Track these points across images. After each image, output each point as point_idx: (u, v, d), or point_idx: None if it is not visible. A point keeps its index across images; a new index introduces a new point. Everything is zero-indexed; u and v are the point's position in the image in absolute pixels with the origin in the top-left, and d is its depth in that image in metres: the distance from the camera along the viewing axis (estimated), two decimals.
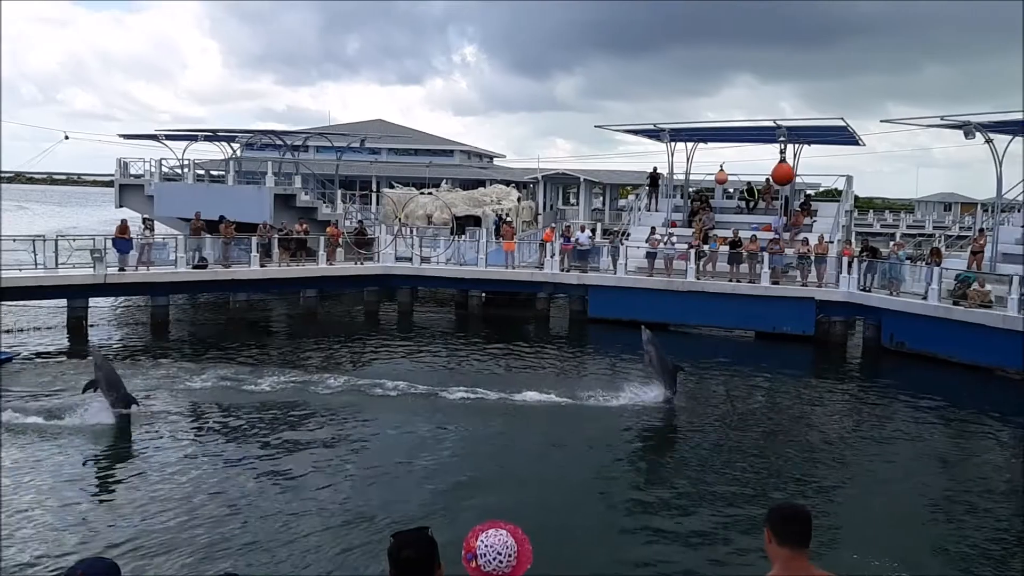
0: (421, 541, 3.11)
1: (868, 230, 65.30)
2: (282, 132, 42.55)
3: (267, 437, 15.05)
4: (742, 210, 33.83)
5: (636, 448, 15.82)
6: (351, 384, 18.99)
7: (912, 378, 21.68)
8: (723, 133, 34.61)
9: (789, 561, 3.27)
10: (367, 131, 49.87)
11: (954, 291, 23.33)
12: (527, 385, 18.94)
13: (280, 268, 28.59)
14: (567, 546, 10.39)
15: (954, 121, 26.51)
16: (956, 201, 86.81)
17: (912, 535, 11.70)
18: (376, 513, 11.54)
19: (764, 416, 17.88)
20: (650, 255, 28.44)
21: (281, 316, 30.11)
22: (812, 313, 25.95)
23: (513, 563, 3.19)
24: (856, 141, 32.05)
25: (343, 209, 39.16)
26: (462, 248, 31.04)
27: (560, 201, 64.11)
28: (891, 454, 15.72)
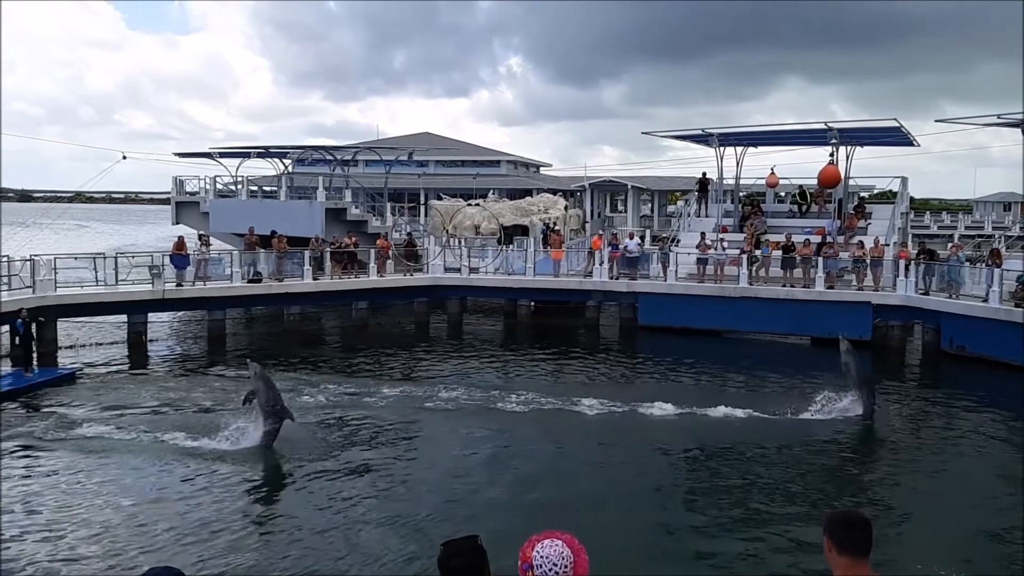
0: (470, 549, 3.11)
1: (925, 232, 63.79)
2: (332, 147, 43.14)
3: (332, 453, 15.19)
4: (794, 214, 33.37)
5: (675, 459, 15.66)
6: (406, 394, 19.15)
7: (974, 383, 21.10)
8: (773, 136, 34.18)
9: (849, 570, 3.20)
10: (414, 144, 50.33)
11: (1015, 293, 22.69)
12: (583, 393, 18.90)
13: (332, 281, 28.97)
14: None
15: (1011, 119, 25.86)
16: (1016, 201, 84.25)
17: (977, 547, 11.37)
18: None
19: (819, 427, 17.53)
20: (701, 261, 28.18)
21: (334, 328, 30.47)
22: (869, 317, 25.44)
23: (569, 573, 3.18)
24: (910, 142, 31.42)
25: (392, 222, 39.53)
26: (510, 258, 31.11)
27: (608, 208, 63.88)
28: (957, 463, 15.33)
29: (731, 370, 22.56)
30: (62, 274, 24.50)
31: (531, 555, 3.19)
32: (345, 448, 15.13)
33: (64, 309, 24.23)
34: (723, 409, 17.99)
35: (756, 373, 22.25)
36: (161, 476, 13.70)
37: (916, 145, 32.29)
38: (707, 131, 32.71)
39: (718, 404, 18.31)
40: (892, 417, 17.69)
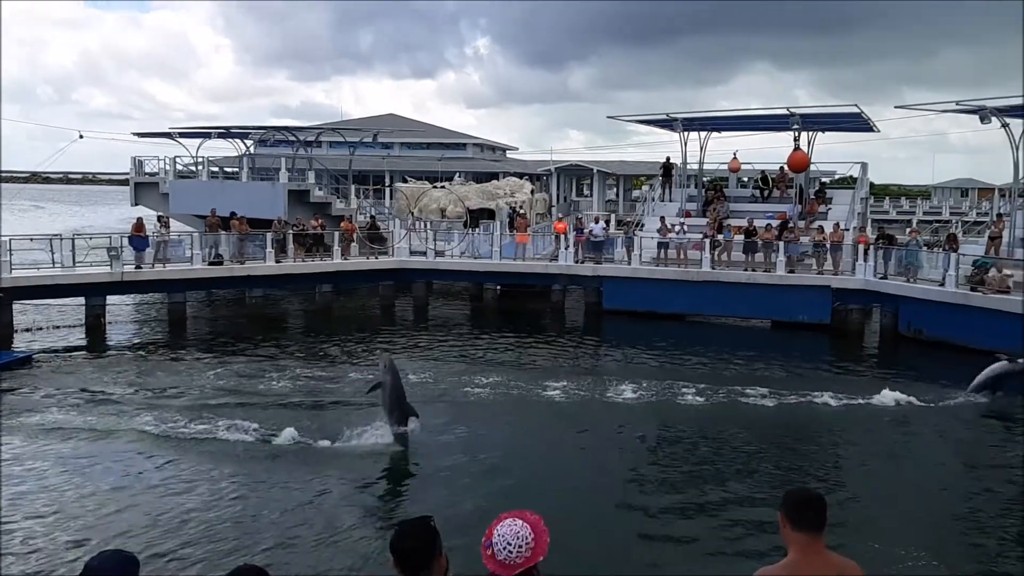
0: (423, 530, 3.15)
1: (884, 217, 64.86)
2: (295, 128, 42.74)
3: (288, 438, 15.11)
4: (756, 199, 33.69)
5: (634, 449, 15.81)
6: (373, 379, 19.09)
7: (931, 366, 21.53)
8: (736, 122, 34.42)
9: (804, 546, 3.28)
10: (380, 126, 49.94)
11: (972, 277, 23.15)
12: (549, 376, 18.99)
13: (295, 264, 28.73)
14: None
15: (969, 106, 26.29)
16: (973, 187, 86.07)
17: (929, 522, 11.63)
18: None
19: (779, 410, 17.79)
20: (662, 245, 28.40)
21: (297, 311, 30.25)
22: (828, 301, 25.83)
23: (526, 554, 3.23)
24: (871, 128, 31.83)
25: (357, 204, 39.26)
26: (476, 241, 31.06)
27: (574, 193, 64.02)
28: (913, 445, 15.67)
29: (694, 353, 22.80)
30: (17, 256, 23.98)
31: (492, 533, 3.24)
32: (310, 433, 15.03)
33: (19, 291, 23.77)
34: (686, 391, 18.21)
35: (718, 356, 22.50)
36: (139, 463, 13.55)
37: (876, 131, 32.72)
38: (671, 116, 32.85)
39: (681, 387, 18.53)
40: (853, 400, 17.98)
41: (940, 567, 10.03)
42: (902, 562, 10.00)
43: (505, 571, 3.24)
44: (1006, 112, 25.98)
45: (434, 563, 3.13)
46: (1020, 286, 22.00)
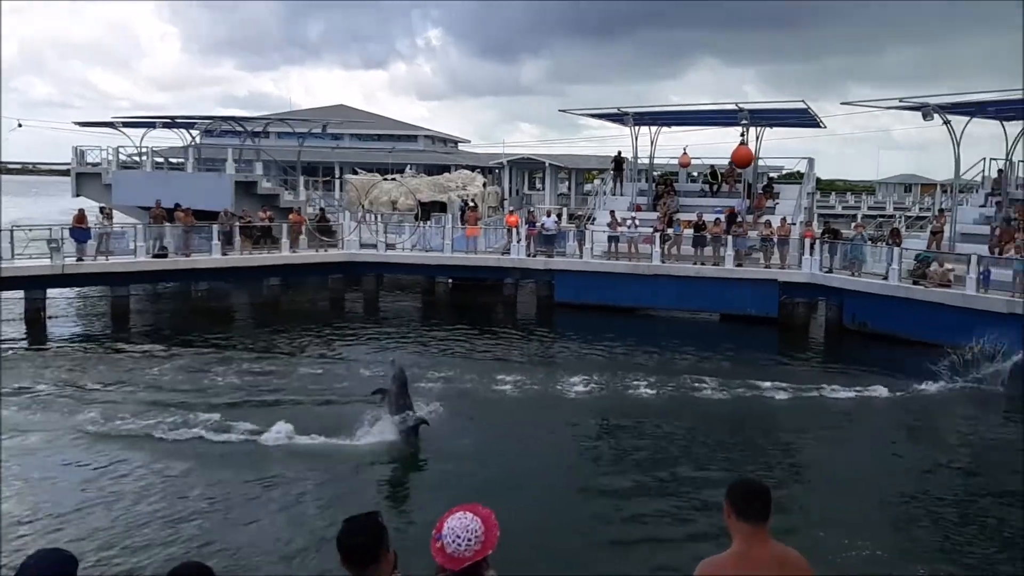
0: (370, 526, 3.11)
1: (830, 212, 66.06)
2: (242, 118, 41.95)
3: (241, 432, 14.86)
4: (706, 193, 34.01)
5: (590, 435, 15.89)
6: (325, 372, 18.90)
7: (874, 357, 21.98)
8: (686, 117, 34.71)
9: (749, 536, 3.29)
10: (329, 117, 49.40)
11: (914, 271, 23.66)
12: (501, 370, 18.98)
13: (242, 256, 28.25)
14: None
15: (913, 103, 26.79)
16: (916, 182, 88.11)
17: (874, 511, 11.86)
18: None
19: (728, 401, 18.00)
20: (612, 239, 28.56)
21: (244, 305, 29.79)
22: (775, 295, 26.20)
23: (476, 547, 3.21)
24: (817, 123, 32.33)
25: (306, 196, 38.78)
26: (428, 234, 30.88)
27: (526, 186, 64.12)
28: (857, 435, 15.97)
29: (644, 346, 22.97)
30: None
31: (442, 526, 3.23)
32: (261, 428, 14.79)
33: None
34: (637, 384, 18.35)
35: (668, 349, 22.70)
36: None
37: (823, 127, 33.26)
38: (622, 110, 32.99)
39: (632, 379, 18.67)
40: (799, 391, 18.27)
41: (883, 555, 10.22)
42: (847, 551, 10.17)
43: (453, 564, 3.22)
44: (948, 110, 26.55)
45: (382, 558, 3.09)
46: (960, 280, 22.53)
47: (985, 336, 19.28)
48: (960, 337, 21.08)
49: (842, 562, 9.87)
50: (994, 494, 12.73)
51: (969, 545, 10.88)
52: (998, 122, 29.00)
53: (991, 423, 16.99)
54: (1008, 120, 28.75)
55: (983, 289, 21.89)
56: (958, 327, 21.67)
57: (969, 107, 26.92)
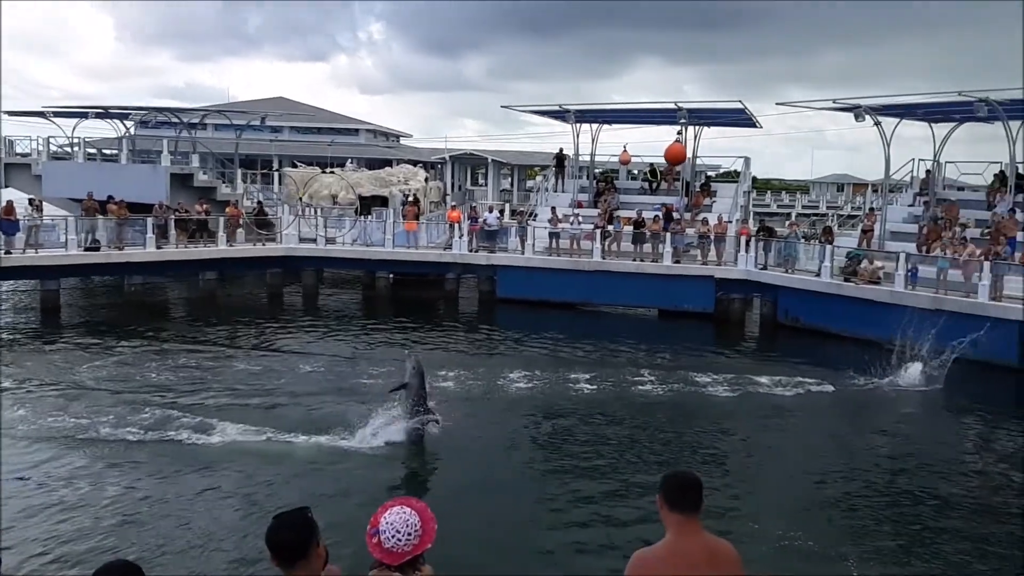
0: (300, 522, 3.09)
1: (766, 210, 67.37)
2: (178, 109, 41.09)
3: (174, 427, 14.59)
4: (645, 191, 34.42)
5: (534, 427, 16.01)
6: (263, 369, 18.64)
7: (806, 352, 22.53)
8: (627, 115, 35.06)
9: (680, 526, 3.39)
10: (268, 109, 48.62)
11: (845, 268, 24.31)
12: (442, 365, 18.95)
13: (177, 250, 27.70)
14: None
15: (845, 104, 27.50)
16: (848, 182, 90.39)
17: (806, 501, 12.17)
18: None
19: (666, 395, 18.29)
20: (553, 235, 28.76)
21: (180, 299, 29.21)
22: (712, 291, 26.67)
23: (414, 541, 3.22)
24: (753, 123, 32.94)
25: (243, 189, 38.17)
26: (368, 229, 30.66)
27: (468, 182, 63.98)
28: (788, 427, 16.36)
29: (585, 341, 23.18)
30: None
31: (379, 521, 3.22)
32: (198, 425, 14.55)
33: None
34: (577, 378, 18.53)
35: (608, 344, 22.95)
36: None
37: (759, 127, 33.90)
38: (564, 107, 33.18)
39: (573, 374, 18.84)
40: (735, 385, 18.63)
41: (815, 545, 10.50)
42: (780, 541, 10.41)
43: (391, 559, 3.23)
44: (879, 111, 27.33)
45: (312, 554, 3.08)
46: (890, 277, 23.23)
47: (912, 332, 19.91)
48: (889, 333, 21.74)
49: (774, 553, 10.11)
50: (920, 486, 13.17)
51: (896, 536, 11.25)
52: (927, 124, 29.96)
53: (918, 417, 17.56)
54: (936, 122, 29.72)
55: (911, 286, 22.62)
56: (887, 323, 22.35)
57: (899, 109, 27.77)
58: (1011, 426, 16.88)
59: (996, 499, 12.61)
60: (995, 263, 21.57)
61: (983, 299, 21.10)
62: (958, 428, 16.81)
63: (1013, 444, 15.55)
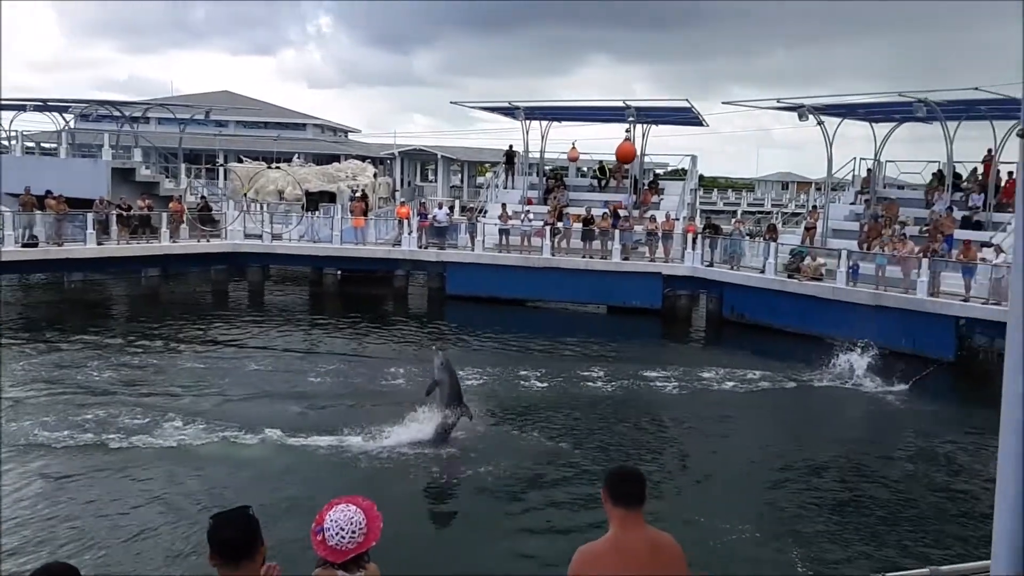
0: (242, 520, 3.04)
1: (712, 208, 68.26)
2: (120, 102, 40.17)
3: (116, 428, 14.28)
4: (594, 188, 34.62)
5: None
6: (207, 368, 18.35)
7: (751, 347, 22.92)
8: (576, 112, 35.20)
9: (623, 520, 3.42)
10: (213, 103, 47.79)
11: (789, 265, 24.76)
12: (391, 362, 18.88)
13: (119, 246, 27.09)
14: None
15: (789, 104, 27.96)
16: (793, 180, 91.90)
17: (751, 494, 12.37)
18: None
19: (615, 390, 18.43)
20: (503, 232, 28.79)
21: (122, 297, 28.60)
22: (659, 287, 26.95)
23: (359, 539, 3.21)
24: (700, 122, 33.31)
25: (187, 184, 37.51)
26: (316, 225, 30.34)
27: (418, 178, 63.69)
28: (734, 420, 16.62)
29: (535, 338, 23.26)
30: None
31: (324, 519, 3.21)
32: (142, 426, 14.25)
33: None
34: (527, 375, 18.58)
35: (558, 340, 23.06)
36: None
37: (705, 125, 34.28)
38: (513, 104, 33.20)
39: (523, 371, 18.90)
40: (682, 380, 18.86)
41: (760, 537, 10.69)
42: (726, 535, 10.57)
43: (335, 557, 3.21)
44: (822, 111, 27.84)
45: (257, 553, 3.04)
46: (832, 274, 23.73)
47: (853, 327, 20.39)
48: (831, 328, 22.24)
49: (719, 546, 10.26)
50: (861, 477, 13.50)
51: (839, 527, 11.51)
52: (868, 124, 30.64)
53: (859, 410, 17.96)
54: (877, 122, 30.42)
55: (852, 283, 23.14)
56: (829, 319, 22.87)
57: (841, 109, 28.36)
58: (949, 418, 17.40)
59: (935, 488, 12.97)
60: (933, 260, 22.15)
61: (921, 295, 21.67)
62: (898, 421, 17.23)
63: (951, 435, 15.99)
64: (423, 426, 13.96)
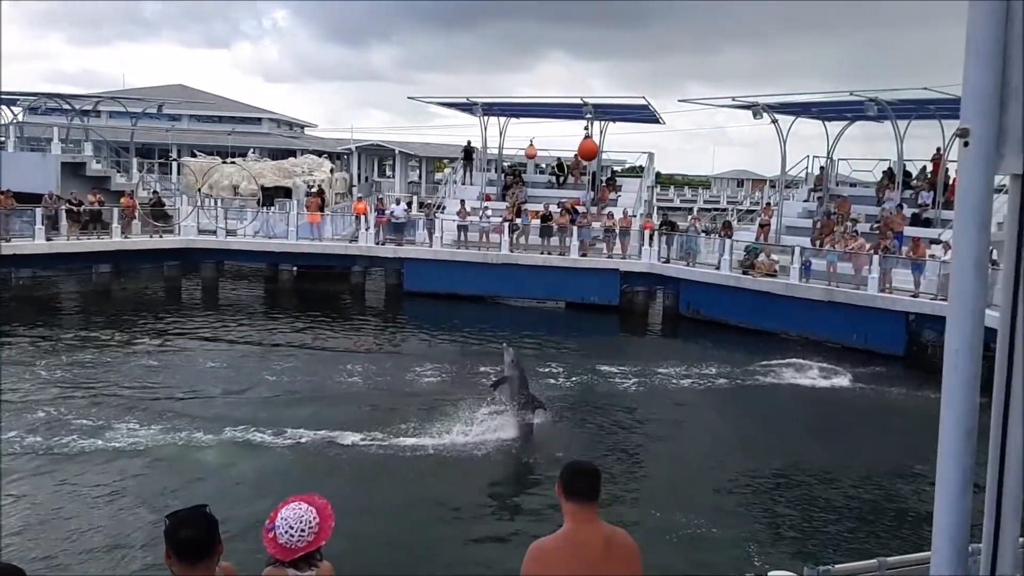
0: (201, 519, 3.00)
1: (669, 205, 68.90)
2: (71, 96, 39.38)
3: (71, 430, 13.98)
4: (552, 185, 34.72)
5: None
6: (162, 365, 18.06)
7: (706, 342, 23.14)
8: (534, 109, 35.28)
9: (576, 515, 3.45)
10: (166, 96, 47.06)
11: (743, 262, 25.07)
12: (348, 359, 18.74)
13: (69, 242, 26.53)
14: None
15: (744, 102, 28.31)
16: (748, 178, 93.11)
17: (707, 488, 12.51)
18: None
19: (573, 385, 18.51)
20: (461, 228, 28.75)
21: (72, 294, 27.96)
22: (617, 284, 27.12)
23: (309, 538, 3.21)
24: (657, 119, 33.58)
25: (139, 179, 36.86)
26: (271, 220, 30.00)
27: (376, 173, 63.31)
28: (691, 415, 16.80)
29: (493, 335, 23.24)
30: None
31: (276, 517, 3.22)
32: (97, 427, 13.97)
33: None
34: (486, 371, 18.56)
35: (517, 337, 23.04)
36: None
37: (662, 123, 34.58)
38: (471, 100, 33.16)
39: (481, 367, 18.87)
40: (640, 375, 19.01)
41: (717, 532, 10.80)
42: (683, 529, 10.67)
43: (284, 555, 3.22)
44: (776, 109, 28.27)
45: (215, 552, 3.01)
46: (785, 270, 24.08)
47: (806, 323, 20.74)
48: (785, 324, 22.60)
49: (677, 540, 10.36)
50: (815, 469, 13.71)
51: (795, 521, 11.70)
52: (821, 122, 31.15)
53: (812, 404, 18.25)
54: (829, 120, 30.95)
55: (805, 279, 23.50)
56: (783, 315, 23.23)
57: (795, 107, 28.80)
58: (899, 412, 17.74)
59: (883, 481, 13.23)
60: (884, 257, 22.58)
61: (872, 291, 22.08)
62: (848, 415, 17.52)
63: (900, 429, 16.31)
64: (500, 421, 14.09)
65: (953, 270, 1.54)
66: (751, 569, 9.36)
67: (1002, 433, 1.50)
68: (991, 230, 1.53)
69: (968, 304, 1.48)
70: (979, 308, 1.49)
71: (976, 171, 1.48)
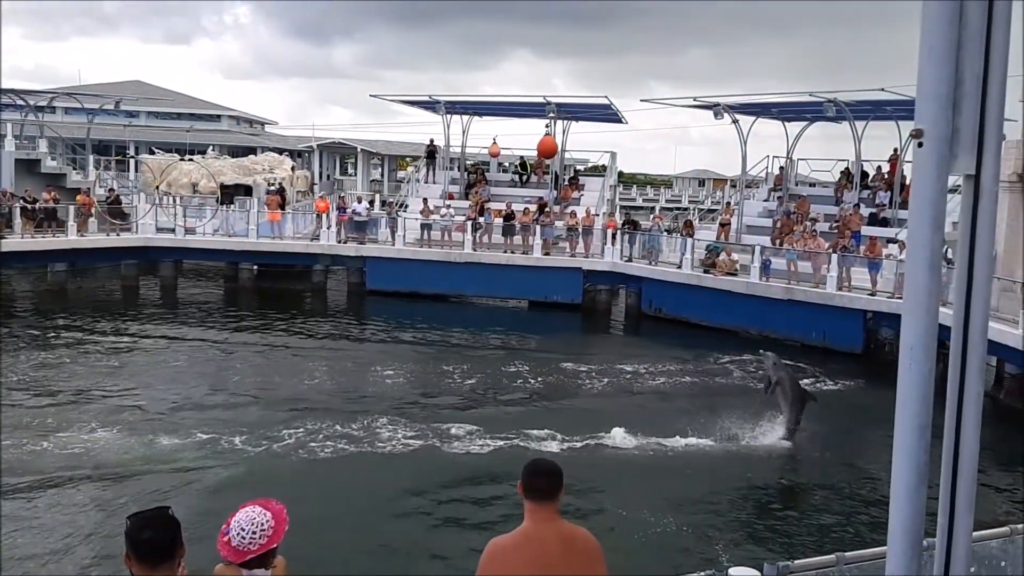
0: (163, 521, 2.95)
1: (631, 204, 69.22)
2: (24, 91, 38.52)
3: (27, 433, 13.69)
4: (516, 183, 34.73)
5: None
6: (122, 366, 17.75)
7: (668, 340, 23.33)
8: (497, 107, 35.25)
9: (535, 513, 3.45)
10: (124, 92, 46.33)
11: (704, 260, 25.29)
12: (310, 358, 18.57)
13: (23, 240, 26.00)
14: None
15: (705, 102, 28.56)
16: (709, 177, 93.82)
17: (673, 484, 12.59)
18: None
19: (537, 384, 18.55)
20: (424, 227, 28.66)
21: (25, 293, 27.42)
22: (580, 282, 27.21)
23: (261, 541, 3.28)
24: (620, 119, 33.74)
25: (96, 176, 36.22)
26: (231, 219, 29.64)
27: (337, 171, 62.82)
28: (643, 411, 16.89)
29: (456, 333, 23.25)
30: None
31: (231, 520, 3.28)
32: (47, 429, 13.70)
33: None
34: (450, 370, 18.57)
35: (480, 335, 23.09)
36: None
37: (624, 122, 34.76)
38: (434, 98, 33.06)
39: (445, 366, 18.86)
40: (604, 373, 19.10)
41: (687, 531, 10.87)
42: (652, 528, 10.74)
43: (236, 557, 3.28)
44: (737, 110, 28.55)
45: (177, 554, 2.95)
46: (745, 269, 24.34)
47: (766, 321, 20.98)
48: (745, 322, 22.82)
49: (643, 539, 10.42)
50: (776, 468, 13.88)
51: (756, 518, 11.82)
52: (781, 122, 31.53)
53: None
54: (789, 120, 31.34)
55: (765, 278, 23.76)
56: (744, 313, 23.47)
57: (755, 108, 29.11)
58: (856, 408, 18.01)
59: (842, 477, 13.43)
60: (842, 256, 22.92)
61: (831, 289, 22.41)
62: (806, 412, 17.74)
63: (858, 426, 16.57)
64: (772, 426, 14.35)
65: (908, 269, 1.56)
66: (712, 567, 9.44)
67: (955, 429, 1.52)
68: (945, 230, 1.55)
69: (922, 302, 1.50)
70: (933, 306, 1.51)
71: (930, 171, 1.50)
